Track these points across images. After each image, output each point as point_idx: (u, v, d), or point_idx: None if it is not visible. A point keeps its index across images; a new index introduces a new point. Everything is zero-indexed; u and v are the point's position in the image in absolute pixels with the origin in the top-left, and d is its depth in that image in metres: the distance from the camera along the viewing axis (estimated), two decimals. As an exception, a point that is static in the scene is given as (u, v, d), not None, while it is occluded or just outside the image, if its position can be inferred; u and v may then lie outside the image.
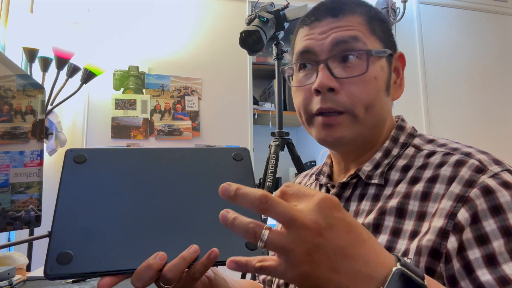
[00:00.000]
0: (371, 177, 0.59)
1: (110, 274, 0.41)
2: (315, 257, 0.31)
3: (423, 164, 0.56)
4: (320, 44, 0.59)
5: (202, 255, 0.42)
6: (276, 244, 0.32)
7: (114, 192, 0.46)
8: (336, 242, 0.31)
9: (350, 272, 0.31)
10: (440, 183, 0.51)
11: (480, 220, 0.46)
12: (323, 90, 0.57)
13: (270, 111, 2.65)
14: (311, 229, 0.31)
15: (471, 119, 2.49)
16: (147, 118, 2.06)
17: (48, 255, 0.41)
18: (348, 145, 0.61)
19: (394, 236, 0.52)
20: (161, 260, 0.40)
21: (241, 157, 0.52)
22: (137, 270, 0.40)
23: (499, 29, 2.67)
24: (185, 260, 0.41)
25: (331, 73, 0.58)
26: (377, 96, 0.59)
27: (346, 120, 0.58)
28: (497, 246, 0.44)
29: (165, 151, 0.52)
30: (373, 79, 0.58)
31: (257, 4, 1.62)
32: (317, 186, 0.71)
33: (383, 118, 0.61)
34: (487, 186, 0.48)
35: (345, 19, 0.59)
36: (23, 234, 1.73)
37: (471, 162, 0.51)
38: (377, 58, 0.59)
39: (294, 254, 0.31)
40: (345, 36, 0.58)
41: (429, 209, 0.50)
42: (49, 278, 0.40)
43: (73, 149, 0.49)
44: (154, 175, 0.49)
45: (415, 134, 0.63)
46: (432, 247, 0.47)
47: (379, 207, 0.55)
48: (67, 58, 1.72)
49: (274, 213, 0.32)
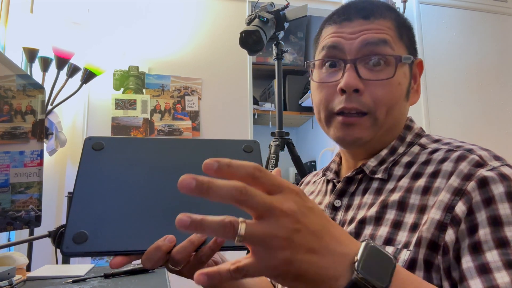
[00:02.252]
0: (375, 172, 0.61)
1: (121, 254, 0.43)
2: (295, 241, 0.32)
3: (426, 160, 0.57)
4: (350, 43, 0.60)
5: (209, 239, 0.44)
6: (256, 233, 0.32)
7: (129, 178, 0.49)
8: (312, 226, 0.33)
9: (326, 252, 0.34)
10: (441, 178, 0.52)
11: (474, 212, 0.47)
12: (349, 90, 0.58)
13: (270, 111, 2.65)
14: (290, 216, 0.32)
15: (471, 119, 2.49)
16: (147, 118, 2.06)
17: (65, 234, 0.43)
18: (364, 146, 0.62)
19: (394, 228, 0.53)
20: (170, 242, 0.42)
21: (251, 149, 0.54)
22: (147, 251, 0.42)
23: (499, 29, 2.67)
24: (193, 243, 0.43)
25: (357, 74, 0.58)
26: (399, 100, 0.60)
27: (367, 122, 0.59)
28: (483, 234, 0.45)
29: (178, 142, 0.54)
30: (398, 84, 0.59)
31: (257, 4, 1.62)
32: (324, 182, 0.72)
33: (400, 122, 0.63)
34: (483, 178, 0.49)
35: (376, 22, 0.60)
36: (23, 234, 1.73)
37: (472, 157, 0.52)
38: (402, 64, 0.60)
39: (276, 240, 0.32)
40: (375, 39, 0.59)
41: (429, 202, 0.51)
42: (65, 255, 0.42)
43: (92, 137, 0.52)
44: (166, 163, 0.51)
45: (422, 134, 0.64)
46: (431, 239, 0.48)
47: (381, 200, 0.56)
48: (67, 58, 1.72)
49: (252, 203, 0.32)
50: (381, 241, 0.52)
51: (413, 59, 0.62)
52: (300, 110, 2.82)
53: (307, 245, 0.33)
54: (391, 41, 0.59)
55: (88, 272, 1.04)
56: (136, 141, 0.54)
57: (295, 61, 2.95)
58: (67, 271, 1.03)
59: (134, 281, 0.93)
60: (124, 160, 0.51)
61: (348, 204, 0.62)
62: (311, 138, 2.99)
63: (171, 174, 0.50)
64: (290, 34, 2.96)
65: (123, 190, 0.48)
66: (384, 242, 0.52)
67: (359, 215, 0.58)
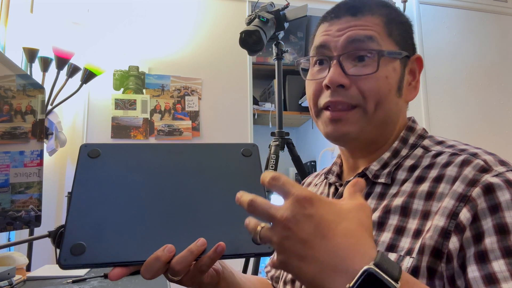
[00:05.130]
0: (378, 177, 0.60)
1: (120, 265, 0.42)
2: (285, 247, 0.36)
3: (430, 163, 0.56)
4: (335, 40, 0.60)
5: (209, 248, 0.43)
6: (265, 237, 0.38)
7: (126, 186, 0.48)
8: (300, 234, 0.35)
9: (314, 262, 0.35)
10: (445, 183, 0.51)
11: (479, 219, 0.46)
12: (333, 86, 0.58)
13: (270, 111, 2.65)
14: (281, 223, 0.36)
15: (471, 119, 2.49)
16: (147, 118, 2.06)
17: (62, 246, 0.42)
18: (354, 142, 0.61)
19: (397, 234, 0.52)
20: (169, 252, 0.42)
21: (250, 153, 0.54)
22: (146, 261, 0.42)
23: (499, 29, 2.67)
24: (193, 253, 0.43)
25: (342, 70, 0.59)
26: (388, 95, 0.59)
27: (355, 116, 0.59)
28: (489, 243, 0.44)
29: (175, 147, 0.54)
30: (384, 78, 0.59)
31: (257, 4, 1.62)
32: (326, 185, 0.71)
33: (392, 117, 0.62)
34: (489, 185, 0.47)
35: (363, 18, 0.60)
36: (23, 234, 1.73)
37: (476, 162, 0.51)
38: (389, 59, 0.60)
39: (274, 245, 0.37)
40: (361, 35, 0.59)
41: (433, 208, 0.50)
42: (63, 268, 0.41)
43: (88, 144, 0.51)
44: (164, 169, 0.50)
45: (425, 135, 0.63)
46: (434, 246, 0.47)
47: (384, 205, 0.55)
48: (67, 58, 1.72)
49: (258, 213, 0.38)
50: (383, 247, 0.52)
51: (405, 54, 0.62)
52: (300, 110, 2.82)
53: (296, 252, 0.36)
54: (377, 37, 0.59)
55: (88, 272, 1.04)
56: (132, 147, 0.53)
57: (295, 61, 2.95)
58: (67, 271, 1.03)
59: (134, 281, 0.93)
60: (121, 168, 0.50)
61: None
62: (311, 138, 2.99)
63: (170, 180, 0.49)
64: (290, 34, 2.96)
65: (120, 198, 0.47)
66: (386, 249, 0.51)
67: None
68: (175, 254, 0.42)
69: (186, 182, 0.50)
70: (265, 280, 0.77)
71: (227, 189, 0.40)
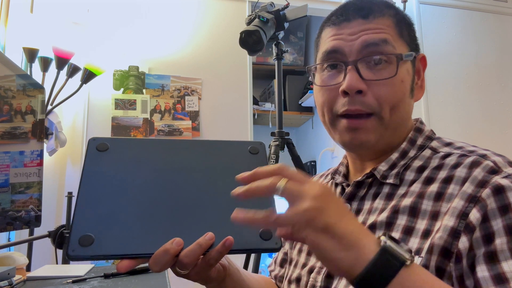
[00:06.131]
0: (386, 177, 0.59)
1: (128, 257, 0.43)
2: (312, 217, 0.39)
3: (439, 164, 0.56)
4: (350, 45, 0.59)
5: (217, 243, 0.44)
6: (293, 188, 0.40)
7: (134, 179, 0.49)
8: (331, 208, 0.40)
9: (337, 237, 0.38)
10: (455, 184, 0.51)
11: (489, 219, 0.46)
12: (351, 92, 0.57)
13: (270, 111, 2.65)
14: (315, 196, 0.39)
15: (471, 119, 2.49)
16: (147, 118, 2.06)
17: (71, 237, 0.42)
18: (370, 149, 0.61)
19: (406, 234, 0.52)
20: (177, 245, 0.42)
21: (257, 150, 0.55)
22: (154, 254, 0.42)
23: (499, 29, 2.66)
24: (201, 246, 0.43)
25: (359, 75, 0.58)
26: (403, 98, 0.59)
27: (372, 124, 0.58)
28: (499, 243, 0.44)
29: (184, 143, 0.54)
30: (400, 82, 0.59)
31: (257, 4, 1.62)
32: (332, 185, 0.71)
33: (406, 120, 0.62)
34: (499, 185, 0.47)
35: (375, 21, 0.59)
36: (23, 234, 1.73)
37: (486, 163, 0.51)
38: (404, 62, 0.60)
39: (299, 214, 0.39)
40: (376, 39, 0.58)
41: (442, 209, 0.50)
42: (71, 259, 0.42)
43: (96, 138, 0.52)
44: (172, 165, 0.51)
45: (433, 137, 0.63)
46: (443, 246, 0.47)
47: (392, 205, 0.55)
48: (67, 58, 1.72)
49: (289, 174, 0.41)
50: None
51: (415, 55, 0.62)
52: (300, 110, 2.82)
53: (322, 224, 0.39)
54: (391, 40, 0.59)
55: (88, 272, 1.04)
56: (141, 142, 0.54)
57: (295, 61, 2.95)
58: (67, 271, 1.03)
59: (134, 281, 0.93)
60: (130, 162, 0.50)
61: (358, 208, 0.61)
62: (311, 138, 2.99)
63: (178, 175, 0.50)
64: (290, 34, 2.96)
65: (128, 191, 0.47)
66: None
67: (369, 220, 0.57)
68: (183, 248, 0.43)
69: (194, 177, 0.50)
70: (268, 279, 0.77)
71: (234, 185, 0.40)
